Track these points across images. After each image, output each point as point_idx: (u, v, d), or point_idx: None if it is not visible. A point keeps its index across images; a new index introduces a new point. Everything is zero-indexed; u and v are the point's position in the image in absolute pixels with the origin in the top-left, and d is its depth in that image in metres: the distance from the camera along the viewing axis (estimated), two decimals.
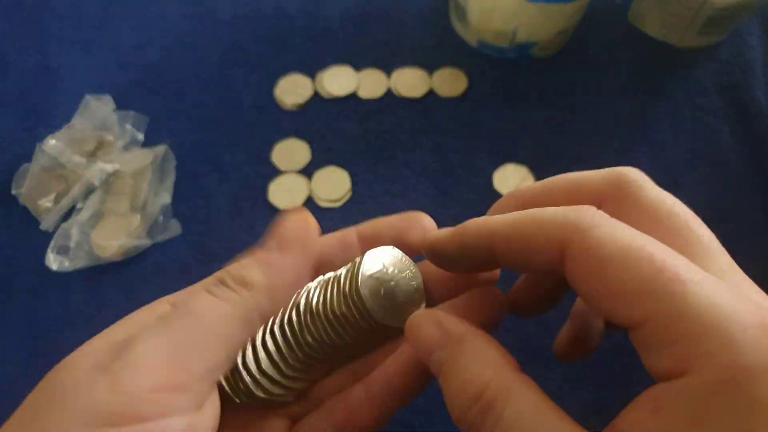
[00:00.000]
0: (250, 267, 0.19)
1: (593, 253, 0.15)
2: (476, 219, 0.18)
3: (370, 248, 0.21)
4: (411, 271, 0.21)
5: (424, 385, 0.20)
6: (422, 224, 0.22)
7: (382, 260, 0.21)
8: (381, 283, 0.20)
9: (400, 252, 0.21)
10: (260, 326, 0.19)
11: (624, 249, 0.14)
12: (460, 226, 0.19)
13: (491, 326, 0.20)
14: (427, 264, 0.22)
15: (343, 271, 0.21)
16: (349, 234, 0.22)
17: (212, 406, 0.18)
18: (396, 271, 0.21)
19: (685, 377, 0.13)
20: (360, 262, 0.21)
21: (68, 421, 0.15)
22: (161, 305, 0.20)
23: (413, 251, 0.22)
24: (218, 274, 0.19)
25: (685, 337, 0.13)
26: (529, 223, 0.17)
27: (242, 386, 0.20)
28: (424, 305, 0.21)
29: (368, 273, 0.20)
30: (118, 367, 0.16)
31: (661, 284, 0.14)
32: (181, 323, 0.17)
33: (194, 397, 0.17)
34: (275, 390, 0.20)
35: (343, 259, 0.22)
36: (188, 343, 0.17)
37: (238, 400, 0.20)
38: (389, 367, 0.20)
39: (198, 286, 0.19)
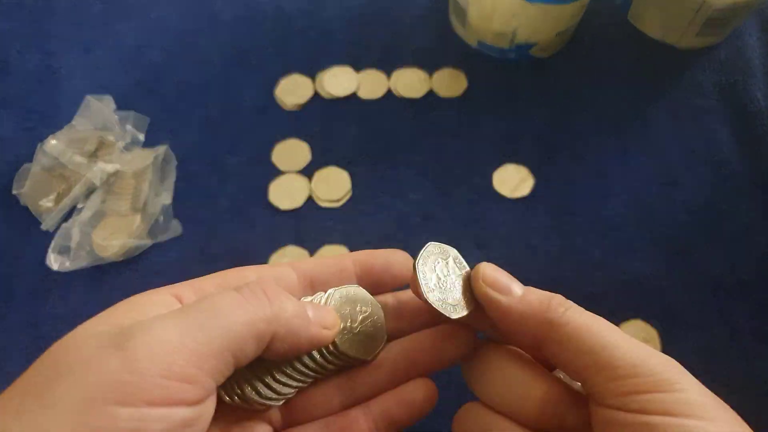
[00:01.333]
0: (282, 293, 0.19)
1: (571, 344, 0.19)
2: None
3: (364, 273, 0.23)
4: (373, 308, 0.23)
5: (420, 418, 0.21)
6: (403, 261, 0.24)
7: (346, 298, 0.22)
8: (345, 319, 0.22)
9: (364, 290, 0.23)
10: (261, 349, 0.19)
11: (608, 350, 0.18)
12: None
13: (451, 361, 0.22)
14: (386, 299, 0.24)
15: (323, 297, 0.23)
16: (345, 259, 0.23)
17: (211, 403, 0.18)
18: (359, 308, 0.22)
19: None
20: (327, 299, 0.22)
21: (78, 393, 0.15)
22: (160, 295, 0.20)
23: (392, 284, 0.24)
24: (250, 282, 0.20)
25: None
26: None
27: (236, 386, 0.20)
28: (385, 339, 0.23)
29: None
30: (132, 347, 0.16)
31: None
32: (201, 316, 0.17)
33: (199, 392, 0.17)
34: (267, 393, 0.20)
35: (337, 281, 0.23)
36: (204, 337, 0.17)
37: (228, 399, 0.20)
38: (389, 399, 0.22)
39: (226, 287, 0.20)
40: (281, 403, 0.21)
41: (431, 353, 0.22)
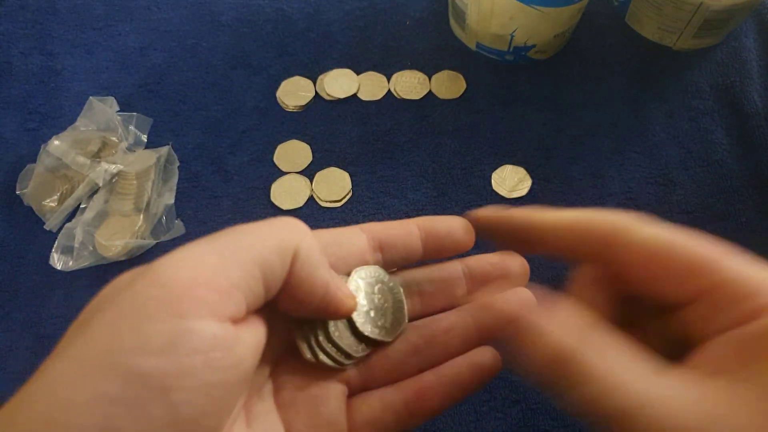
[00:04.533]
0: (308, 230, 0.20)
1: (643, 247, 0.18)
2: (524, 211, 0.22)
3: (428, 238, 0.23)
4: (393, 288, 0.23)
5: (486, 383, 0.22)
6: (464, 226, 0.24)
7: (366, 281, 0.22)
8: (366, 301, 0.22)
9: (382, 270, 0.23)
10: (285, 268, 0.19)
11: (667, 241, 0.18)
12: (507, 213, 0.23)
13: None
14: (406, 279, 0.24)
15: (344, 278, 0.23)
16: (410, 224, 0.23)
17: (252, 336, 0.17)
18: (377, 289, 0.22)
19: (759, 320, 0.16)
20: (347, 282, 0.22)
21: (109, 319, 0.15)
22: None
23: (454, 250, 0.24)
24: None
25: (745, 297, 0.16)
26: (582, 222, 0.20)
27: (315, 344, 0.20)
28: (406, 321, 0.23)
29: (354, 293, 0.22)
30: (157, 267, 0.16)
31: (707, 264, 0.17)
32: (225, 237, 0.18)
33: (229, 305, 0.16)
34: (353, 351, 0.21)
35: (404, 244, 0.23)
36: (229, 252, 0.17)
37: (310, 356, 0.20)
38: (461, 363, 0.22)
39: None
40: (354, 362, 0.21)
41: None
